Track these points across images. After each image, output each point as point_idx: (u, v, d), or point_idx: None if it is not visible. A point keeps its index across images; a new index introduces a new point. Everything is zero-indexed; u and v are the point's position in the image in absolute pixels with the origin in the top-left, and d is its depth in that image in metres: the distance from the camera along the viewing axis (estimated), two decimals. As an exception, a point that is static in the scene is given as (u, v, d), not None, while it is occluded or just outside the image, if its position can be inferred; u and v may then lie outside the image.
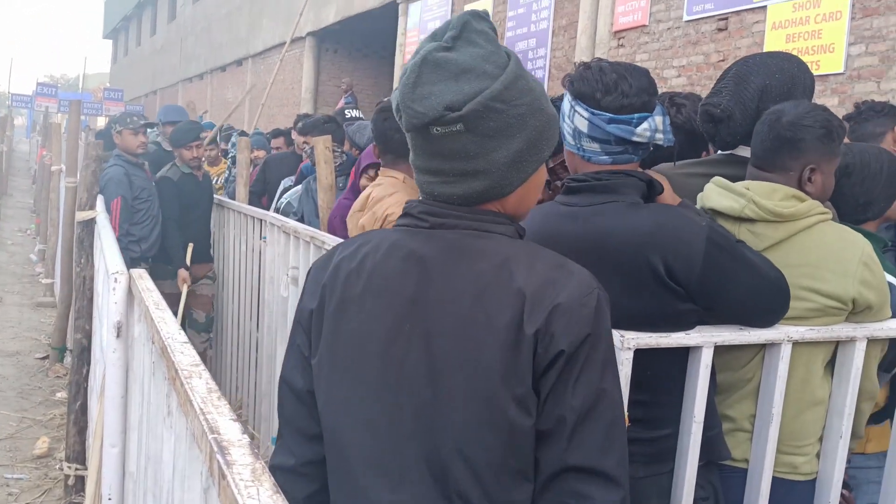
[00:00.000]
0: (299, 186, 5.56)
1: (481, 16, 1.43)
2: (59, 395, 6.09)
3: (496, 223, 1.44)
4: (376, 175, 3.99)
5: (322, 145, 4.41)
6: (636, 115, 1.91)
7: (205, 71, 27.54)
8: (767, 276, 1.92)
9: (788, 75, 2.36)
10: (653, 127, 1.92)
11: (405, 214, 1.50)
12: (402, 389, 1.40)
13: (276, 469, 1.59)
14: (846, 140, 3.39)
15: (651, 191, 1.95)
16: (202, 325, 6.55)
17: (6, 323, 8.14)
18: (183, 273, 6.06)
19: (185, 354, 1.51)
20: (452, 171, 1.41)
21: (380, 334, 1.42)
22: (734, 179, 2.17)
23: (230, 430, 1.07)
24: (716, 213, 2.11)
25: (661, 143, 1.95)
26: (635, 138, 1.91)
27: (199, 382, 1.32)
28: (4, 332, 7.79)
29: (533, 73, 1.69)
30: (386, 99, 4.01)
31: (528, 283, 1.35)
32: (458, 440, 1.36)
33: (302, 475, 1.55)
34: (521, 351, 1.33)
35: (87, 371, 4.34)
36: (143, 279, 2.36)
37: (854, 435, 2.17)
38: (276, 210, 5.46)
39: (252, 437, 5.30)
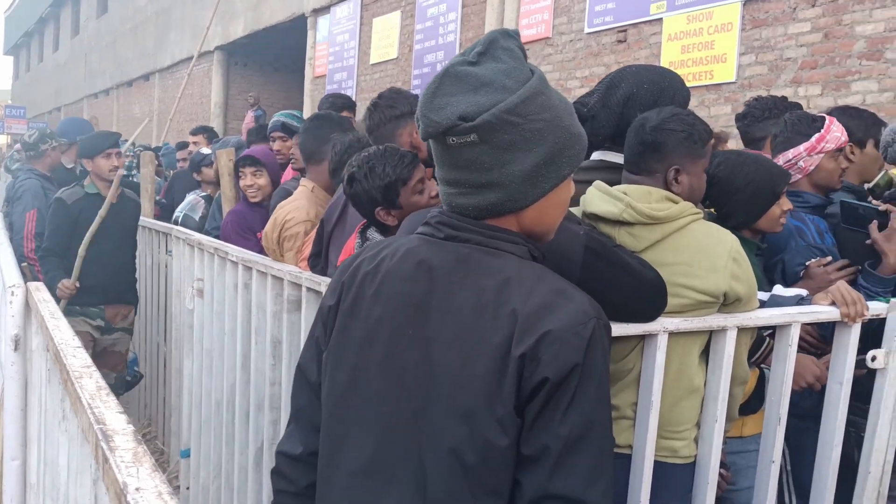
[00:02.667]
0: (191, 198, 5.58)
1: (510, 34, 1.47)
2: (-40, 417, 5.94)
3: (509, 242, 1.47)
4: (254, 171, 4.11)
5: (225, 158, 4.43)
6: None
7: (110, 86, 27.01)
8: (644, 278, 2.00)
9: (657, 87, 2.49)
10: None
11: (425, 223, 1.54)
12: (400, 393, 1.44)
13: (282, 455, 1.66)
14: (728, 146, 3.57)
15: None
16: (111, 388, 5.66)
17: None
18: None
19: (76, 357, 1.55)
20: (468, 182, 1.43)
21: (384, 337, 1.47)
22: (608, 184, 2.28)
23: (115, 420, 1.13)
24: (597, 217, 2.22)
25: None
26: None
27: (90, 382, 1.37)
28: None
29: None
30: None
31: (524, 306, 1.38)
32: (439, 451, 1.40)
33: (308, 464, 1.61)
34: (507, 373, 1.36)
35: (-12, 390, 4.26)
36: (39, 291, 2.37)
37: (728, 417, 2.30)
38: (175, 222, 5.44)
39: (162, 453, 5.27)
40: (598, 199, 2.23)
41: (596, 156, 2.58)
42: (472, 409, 1.38)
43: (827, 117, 3.08)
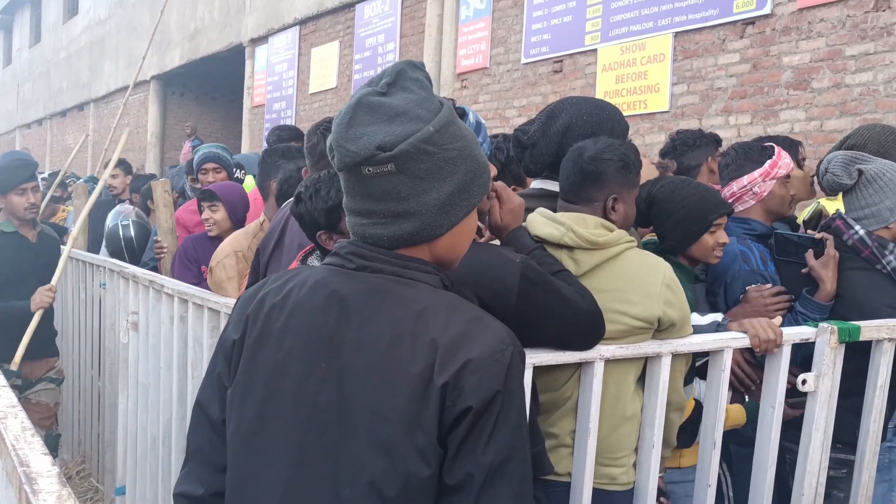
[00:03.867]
0: (121, 207, 5.52)
1: (416, 65, 1.46)
2: None
3: (422, 271, 1.46)
4: (209, 205, 4.08)
5: (161, 189, 4.38)
6: None
7: (44, 116, 26.53)
8: (579, 308, 2.02)
9: (596, 119, 2.53)
10: None
11: (334, 254, 1.51)
12: (311, 428, 1.40)
13: (182, 497, 1.57)
14: (669, 174, 3.65)
15: None
16: None
17: None
18: None
19: (1, 398, 1.50)
20: (384, 212, 1.42)
21: (295, 370, 1.43)
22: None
23: (40, 462, 1.10)
24: (541, 239, 2.24)
25: None
26: None
27: (15, 422, 1.33)
28: None
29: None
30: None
31: (443, 335, 1.37)
32: (357, 485, 1.36)
33: None
34: (429, 402, 1.34)
35: (-87, 431, 4.11)
36: (-35, 328, 2.31)
37: (666, 443, 2.33)
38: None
39: (97, 491, 5.14)
40: (541, 223, 2.25)
41: (535, 184, 2.62)
42: (392, 440, 1.35)
43: (774, 146, 3.17)
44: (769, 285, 2.90)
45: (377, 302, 1.42)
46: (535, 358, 2.04)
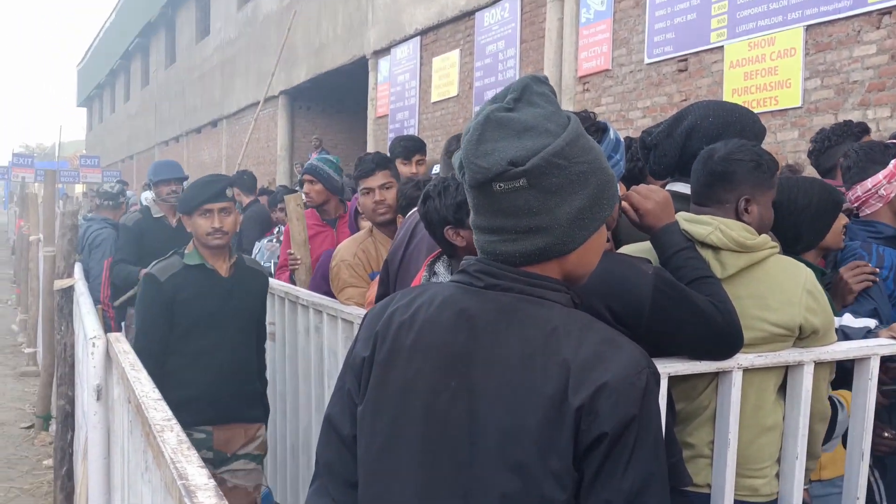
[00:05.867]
0: (265, 244, 5.65)
1: (541, 79, 1.45)
2: (45, 462, 6.09)
3: (552, 290, 1.43)
4: None
5: (294, 202, 4.51)
6: None
7: (180, 133, 27.75)
8: (714, 321, 1.98)
9: (722, 121, 2.49)
10: None
11: (461, 271, 1.51)
12: (443, 447, 1.40)
13: None
14: (799, 173, 3.54)
15: None
16: None
17: (-11, 395, 8.12)
18: None
19: (157, 410, 1.58)
20: (515, 227, 1.40)
21: (425, 388, 1.43)
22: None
23: (197, 475, 1.15)
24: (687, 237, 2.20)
25: None
26: None
27: (171, 435, 1.40)
28: (-12, 403, 7.78)
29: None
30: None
31: (576, 356, 1.34)
32: None
33: None
34: (564, 425, 1.32)
35: (72, 436, 4.38)
36: (119, 342, 2.44)
37: (811, 455, 2.26)
38: None
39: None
40: (686, 221, 2.22)
41: (667, 188, 2.58)
42: (525, 461, 1.33)
43: None
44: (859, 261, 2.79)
45: (507, 321, 1.41)
46: (671, 367, 2.01)
